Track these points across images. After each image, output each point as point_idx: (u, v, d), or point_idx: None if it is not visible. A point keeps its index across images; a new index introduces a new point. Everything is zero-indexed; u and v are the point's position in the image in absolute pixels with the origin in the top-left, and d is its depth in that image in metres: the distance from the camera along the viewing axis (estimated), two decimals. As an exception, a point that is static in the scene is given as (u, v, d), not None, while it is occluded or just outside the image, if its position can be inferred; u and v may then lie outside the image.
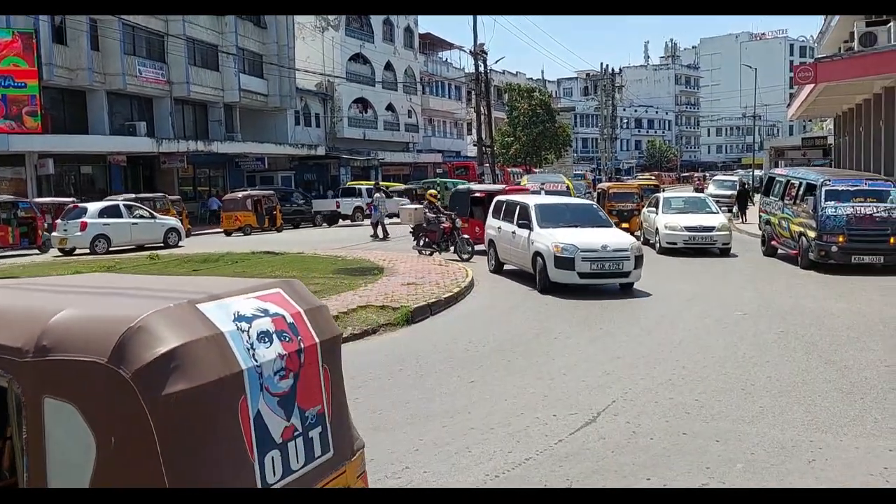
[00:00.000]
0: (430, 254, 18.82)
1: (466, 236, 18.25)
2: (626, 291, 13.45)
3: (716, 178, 45.81)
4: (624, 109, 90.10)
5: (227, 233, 31.18)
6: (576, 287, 13.26)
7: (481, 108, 42.48)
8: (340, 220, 37.46)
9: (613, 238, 13.38)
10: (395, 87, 58.91)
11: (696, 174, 78.28)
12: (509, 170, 57.00)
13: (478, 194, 20.52)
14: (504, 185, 23.80)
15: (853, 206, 15.23)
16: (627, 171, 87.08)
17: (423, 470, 5.81)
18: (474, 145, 49.64)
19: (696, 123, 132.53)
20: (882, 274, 14.98)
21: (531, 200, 14.89)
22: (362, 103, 56.23)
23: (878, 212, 15.14)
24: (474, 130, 71.44)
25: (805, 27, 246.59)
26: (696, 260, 17.97)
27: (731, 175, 53.96)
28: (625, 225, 20.95)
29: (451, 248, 18.46)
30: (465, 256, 17.78)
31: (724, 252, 18.82)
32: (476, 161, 45.25)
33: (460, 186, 24.30)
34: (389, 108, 58.74)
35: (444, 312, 11.98)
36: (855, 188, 15.58)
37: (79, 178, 34.94)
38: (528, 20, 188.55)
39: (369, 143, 55.36)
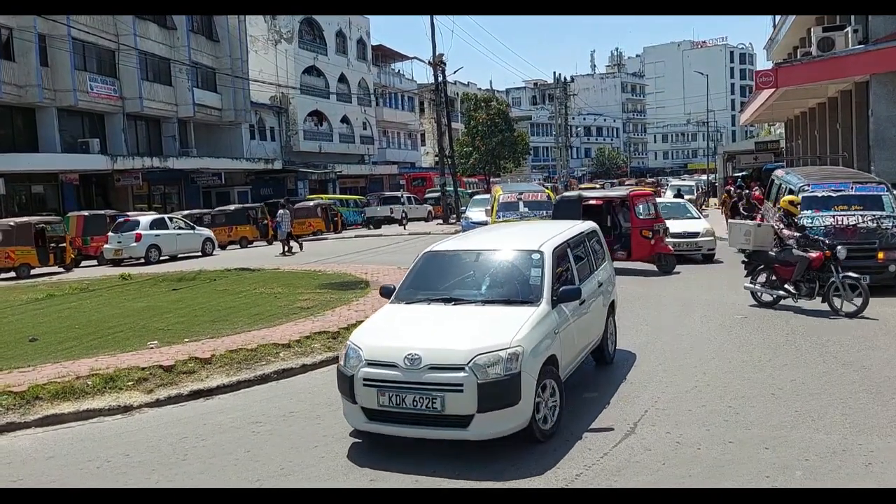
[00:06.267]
0: (775, 301, 11.91)
1: (854, 274, 11.35)
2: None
3: (672, 184, 46.40)
4: (573, 118, 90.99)
5: (297, 237, 34.23)
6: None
7: (441, 119, 42.38)
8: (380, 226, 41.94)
9: (460, 340, 6.37)
10: (349, 99, 58.53)
11: (626, 181, 69.33)
12: (465, 180, 57.11)
13: (592, 202, 17.13)
14: (627, 191, 18.10)
15: (834, 216, 13.26)
16: (580, 179, 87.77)
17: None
18: (435, 156, 49.47)
19: (643, 130, 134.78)
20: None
21: (442, 243, 8.36)
22: (317, 116, 55.74)
23: (863, 221, 13.02)
24: (429, 141, 71.46)
25: (744, 34, 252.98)
26: (679, 266, 17.26)
27: (688, 180, 54.80)
28: None
29: (820, 295, 11.55)
30: (849, 309, 11.16)
31: (708, 258, 18.31)
32: (438, 171, 45.12)
33: (568, 193, 20.25)
34: (344, 120, 58.32)
35: (442, 325, 11.73)
36: (838, 193, 13.54)
37: (30, 198, 33.75)
38: (481, 28, 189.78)
39: (325, 157, 54.84)
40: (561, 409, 6.71)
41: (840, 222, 13.26)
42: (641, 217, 16.53)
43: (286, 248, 26.67)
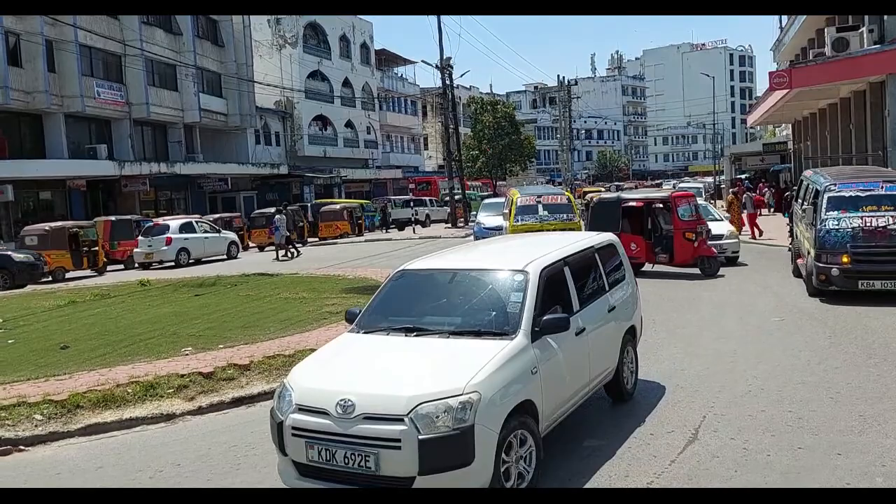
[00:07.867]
0: None
1: None
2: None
3: (679, 186, 46.23)
4: (574, 121, 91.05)
5: (322, 239, 36.04)
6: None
7: (449, 122, 42.27)
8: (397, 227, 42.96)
9: (404, 384, 5.24)
10: (353, 103, 58.42)
11: (626, 183, 69.42)
12: (469, 183, 57.03)
13: (632, 203, 17.14)
14: (668, 193, 18.34)
15: (862, 217, 12.30)
16: (585, 181, 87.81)
17: (548, 500, 5.44)
18: (443, 158, 49.31)
19: (643, 133, 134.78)
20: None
21: (418, 261, 7.18)
22: (322, 120, 55.65)
23: (893, 223, 12.08)
24: (432, 145, 71.35)
25: (744, 37, 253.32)
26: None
27: (690, 182, 54.72)
28: None
29: None
30: None
31: (732, 261, 17.92)
32: (442, 175, 45.05)
33: (606, 195, 20.28)
34: (349, 124, 58.25)
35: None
36: (867, 193, 12.54)
37: (37, 204, 33.61)
38: (482, 30, 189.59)
39: (330, 161, 54.73)
40: (537, 468, 5.50)
41: (869, 224, 12.26)
42: (684, 219, 16.09)
43: (292, 252, 26.68)
